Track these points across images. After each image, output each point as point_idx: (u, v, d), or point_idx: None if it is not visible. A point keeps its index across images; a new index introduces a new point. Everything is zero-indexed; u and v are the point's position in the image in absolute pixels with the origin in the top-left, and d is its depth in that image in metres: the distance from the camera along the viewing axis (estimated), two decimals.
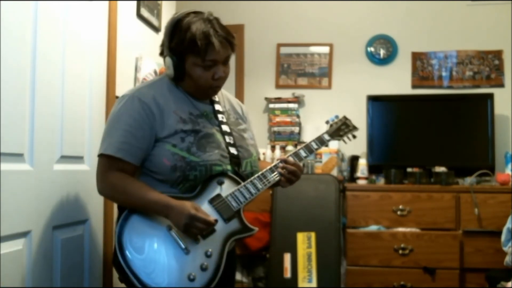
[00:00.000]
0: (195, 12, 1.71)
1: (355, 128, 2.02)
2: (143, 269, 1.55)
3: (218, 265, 1.63)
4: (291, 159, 1.81)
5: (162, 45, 1.75)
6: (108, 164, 1.66)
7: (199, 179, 1.67)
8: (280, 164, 1.79)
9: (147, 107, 1.67)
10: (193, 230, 1.59)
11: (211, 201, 1.68)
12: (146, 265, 1.57)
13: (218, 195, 1.69)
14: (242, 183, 1.72)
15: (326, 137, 1.94)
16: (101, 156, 1.68)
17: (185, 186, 1.67)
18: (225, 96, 1.93)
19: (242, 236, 1.71)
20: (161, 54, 1.77)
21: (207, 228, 1.62)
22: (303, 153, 1.86)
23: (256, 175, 1.75)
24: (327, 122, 2.01)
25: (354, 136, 2.03)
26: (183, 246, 1.60)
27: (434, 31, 3.99)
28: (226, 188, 1.70)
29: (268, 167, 1.79)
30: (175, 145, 1.66)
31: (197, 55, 1.65)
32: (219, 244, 1.66)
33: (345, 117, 2.02)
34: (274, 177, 1.77)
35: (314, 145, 1.90)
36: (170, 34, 1.70)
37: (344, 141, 2.02)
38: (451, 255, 3.28)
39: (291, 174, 1.79)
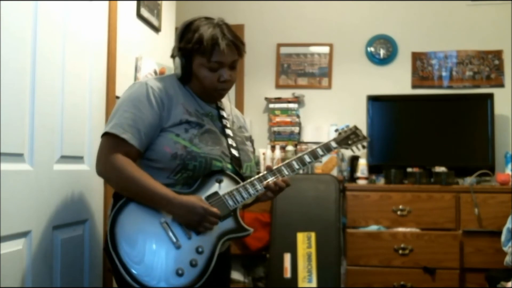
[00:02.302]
0: (207, 18, 1.75)
1: (365, 138, 2.00)
2: (132, 259, 1.56)
3: (208, 263, 1.63)
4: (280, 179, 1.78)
5: (174, 48, 1.79)
6: (113, 145, 1.64)
7: (198, 170, 1.67)
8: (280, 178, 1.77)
9: (158, 96, 1.69)
10: (206, 224, 1.62)
11: (207, 198, 1.68)
12: (136, 255, 1.57)
13: (215, 193, 1.69)
14: (241, 183, 1.73)
15: (333, 144, 1.92)
16: (106, 135, 1.66)
17: (183, 176, 1.67)
18: (229, 106, 1.95)
19: (236, 236, 1.72)
20: (172, 56, 1.81)
21: (217, 221, 1.64)
22: (307, 159, 1.84)
23: (256, 176, 1.76)
24: (336, 130, 2.00)
25: (363, 147, 2.01)
26: (174, 240, 1.61)
27: (434, 31, 3.99)
28: (224, 187, 1.71)
29: (268, 171, 1.79)
30: (179, 134, 1.67)
31: (203, 55, 1.69)
32: (212, 241, 1.66)
33: (355, 127, 2.00)
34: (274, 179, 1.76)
35: (320, 152, 1.88)
36: (180, 35, 1.75)
37: (352, 150, 2.00)
38: (451, 255, 3.28)
39: (277, 187, 1.76)
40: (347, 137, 1.97)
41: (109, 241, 1.57)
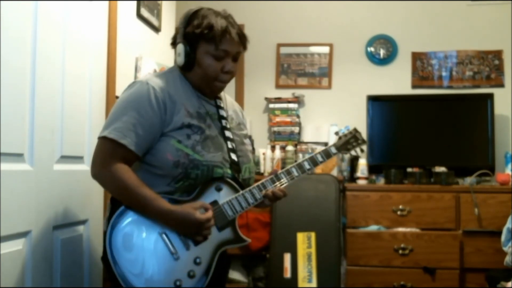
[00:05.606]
0: (212, 9, 1.75)
1: (363, 142, 1.97)
2: (130, 270, 1.55)
3: (206, 274, 1.63)
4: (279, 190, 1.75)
5: (175, 36, 1.75)
6: (111, 150, 1.59)
7: (200, 178, 1.65)
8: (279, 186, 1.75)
9: (159, 97, 1.63)
10: (204, 232, 1.61)
11: None
12: (134, 266, 1.56)
13: (215, 202, 1.67)
14: (241, 191, 1.71)
15: (333, 150, 1.87)
16: (104, 138, 1.60)
17: (184, 184, 1.64)
18: (228, 100, 1.92)
19: (234, 246, 1.71)
20: (173, 44, 1.76)
21: (212, 224, 1.63)
22: (307, 165, 1.80)
23: (255, 185, 1.73)
24: (336, 133, 1.96)
25: (362, 150, 1.99)
26: (173, 251, 1.59)
27: (434, 31, 3.99)
28: (223, 195, 1.69)
29: (269, 177, 1.76)
30: (181, 141, 1.63)
31: (211, 42, 1.66)
32: (210, 252, 1.65)
33: (355, 130, 1.96)
34: (274, 188, 1.74)
35: (320, 158, 1.83)
36: (187, 21, 1.70)
37: (351, 154, 1.96)
38: (451, 255, 3.27)
39: (274, 196, 1.74)
40: (347, 142, 1.92)
41: (108, 252, 1.55)
